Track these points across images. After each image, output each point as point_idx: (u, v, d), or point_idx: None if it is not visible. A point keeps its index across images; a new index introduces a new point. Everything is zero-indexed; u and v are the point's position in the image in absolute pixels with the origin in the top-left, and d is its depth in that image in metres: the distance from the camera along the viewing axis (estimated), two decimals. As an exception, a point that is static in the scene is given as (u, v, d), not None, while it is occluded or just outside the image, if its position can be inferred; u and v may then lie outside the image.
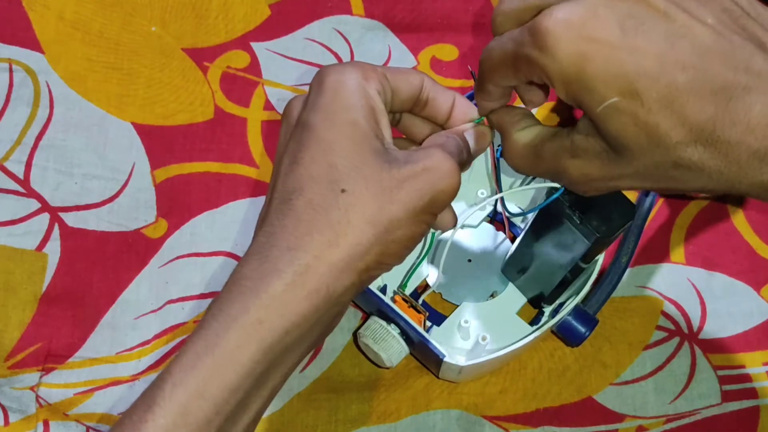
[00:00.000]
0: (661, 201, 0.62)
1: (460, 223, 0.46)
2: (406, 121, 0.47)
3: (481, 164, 0.59)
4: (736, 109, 0.35)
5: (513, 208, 0.60)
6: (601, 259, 0.54)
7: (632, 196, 0.58)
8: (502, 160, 0.46)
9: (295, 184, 0.40)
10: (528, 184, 0.56)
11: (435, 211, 0.42)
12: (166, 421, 0.37)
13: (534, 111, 0.46)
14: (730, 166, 0.36)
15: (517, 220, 0.60)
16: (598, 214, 0.46)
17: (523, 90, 0.44)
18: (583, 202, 0.46)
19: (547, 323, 0.53)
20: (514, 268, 0.56)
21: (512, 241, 0.58)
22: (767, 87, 0.35)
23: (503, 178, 0.57)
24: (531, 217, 0.51)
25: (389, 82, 0.43)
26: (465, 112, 0.46)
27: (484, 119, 0.46)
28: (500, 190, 0.52)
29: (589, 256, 0.49)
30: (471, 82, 0.66)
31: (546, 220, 0.49)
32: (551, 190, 0.46)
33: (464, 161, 0.44)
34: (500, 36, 0.40)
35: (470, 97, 0.50)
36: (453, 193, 0.42)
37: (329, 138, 0.40)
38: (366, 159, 0.40)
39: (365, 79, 0.41)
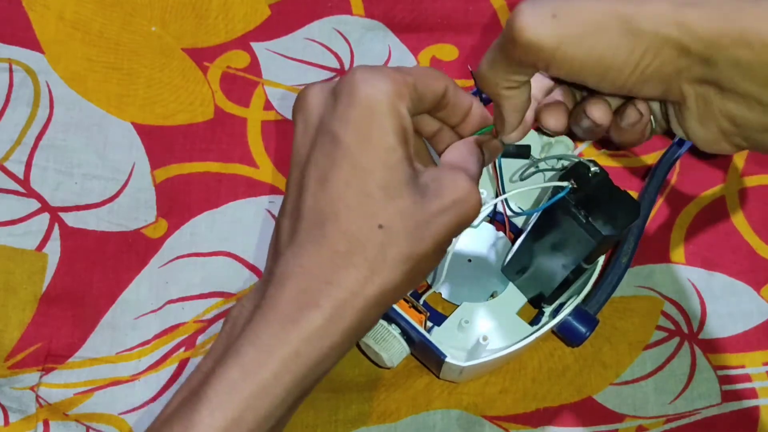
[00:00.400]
0: (661, 201, 0.63)
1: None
2: (417, 118, 0.46)
3: (482, 164, 0.59)
4: None
5: (513, 208, 0.59)
6: (601, 259, 0.54)
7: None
8: (502, 160, 0.46)
9: (329, 209, 0.39)
10: (524, 176, 0.56)
11: (455, 237, 0.42)
12: None
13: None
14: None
15: (516, 220, 0.60)
16: (604, 212, 0.46)
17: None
18: (588, 202, 0.46)
19: (548, 323, 0.53)
20: (515, 268, 0.56)
21: (512, 241, 0.58)
22: None
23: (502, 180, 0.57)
24: (534, 217, 0.51)
25: (417, 93, 0.42)
26: (482, 119, 0.46)
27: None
28: (501, 191, 0.52)
29: (592, 257, 0.49)
30: (471, 82, 0.66)
31: (550, 219, 0.49)
32: (556, 189, 0.46)
33: (480, 175, 0.45)
34: None
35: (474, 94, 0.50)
36: (474, 219, 0.42)
37: (365, 163, 0.39)
38: (400, 190, 0.40)
39: (398, 96, 0.40)
